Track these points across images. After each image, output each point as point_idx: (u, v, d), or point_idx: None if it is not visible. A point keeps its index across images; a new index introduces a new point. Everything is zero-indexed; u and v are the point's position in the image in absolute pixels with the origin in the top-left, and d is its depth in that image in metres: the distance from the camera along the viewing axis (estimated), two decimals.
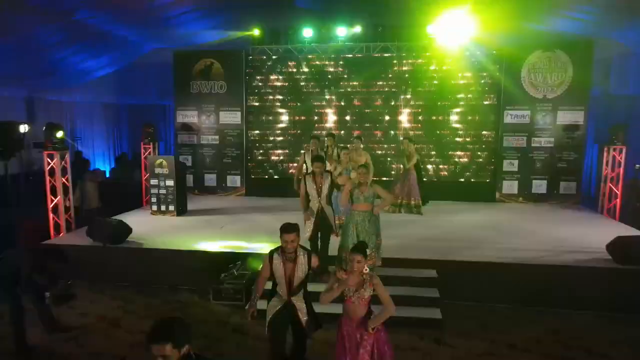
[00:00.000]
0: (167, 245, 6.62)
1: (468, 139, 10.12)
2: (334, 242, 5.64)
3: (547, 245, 6.58)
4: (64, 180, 7.27)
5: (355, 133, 9.69)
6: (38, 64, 10.18)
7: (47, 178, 7.14)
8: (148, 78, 12.93)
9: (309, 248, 4.22)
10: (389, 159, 10.29)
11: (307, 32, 10.08)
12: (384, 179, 9.80)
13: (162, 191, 8.44)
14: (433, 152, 10.19)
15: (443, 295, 5.48)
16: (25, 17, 7.70)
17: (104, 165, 13.54)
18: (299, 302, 3.71)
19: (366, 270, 3.33)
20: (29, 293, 4.52)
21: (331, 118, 10.40)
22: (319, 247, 5.52)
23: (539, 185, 9.82)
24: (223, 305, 5.78)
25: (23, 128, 7.31)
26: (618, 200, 8.59)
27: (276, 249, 3.71)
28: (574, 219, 8.42)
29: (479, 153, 10.12)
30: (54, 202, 7.25)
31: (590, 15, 8.42)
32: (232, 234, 7.22)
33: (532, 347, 4.74)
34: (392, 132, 10.25)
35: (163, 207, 8.47)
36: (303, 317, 3.72)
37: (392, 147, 10.23)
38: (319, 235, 5.51)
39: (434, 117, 10.12)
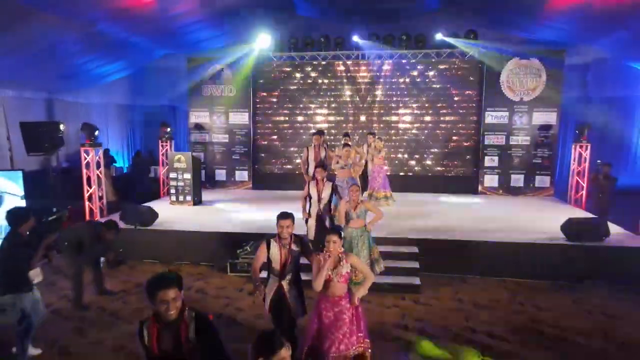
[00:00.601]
0: (188, 228, 7.73)
1: (455, 137, 11.23)
2: None
3: (515, 228, 7.69)
4: (97, 172, 8.37)
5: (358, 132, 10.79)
6: (59, 70, 11.14)
7: (84, 170, 8.24)
8: (159, 81, 13.94)
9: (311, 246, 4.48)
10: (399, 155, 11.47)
11: (309, 40, 11.18)
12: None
13: (180, 183, 9.54)
14: (424, 149, 11.31)
15: (423, 267, 6.59)
16: (50, 28, 8.73)
17: (118, 162, 14.63)
18: (287, 286, 4.02)
19: (341, 250, 3.73)
20: (88, 259, 5.63)
21: (330, 119, 11.53)
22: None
23: (517, 179, 10.92)
24: (239, 277, 6.88)
25: (62, 127, 8.40)
26: (584, 191, 9.70)
27: (272, 236, 4.05)
28: (544, 208, 9.51)
29: (463, 150, 11.24)
30: (89, 192, 8.34)
31: (566, 24, 9.50)
32: (243, 220, 8.33)
33: (493, 305, 5.85)
34: (393, 131, 11.40)
35: (181, 198, 9.56)
36: (290, 300, 4.01)
37: (394, 144, 11.37)
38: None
39: (427, 118, 11.26)
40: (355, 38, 10.97)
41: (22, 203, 7.91)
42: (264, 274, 4.38)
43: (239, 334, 4.89)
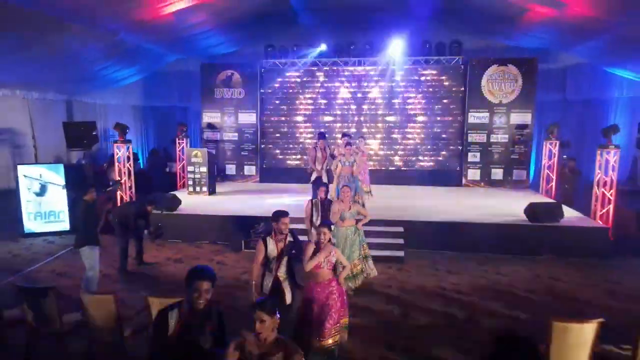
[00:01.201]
0: (206, 213, 9.00)
1: (444, 136, 12.51)
2: None
3: (489, 213, 8.97)
4: (127, 165, 9.64)
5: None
6: (79, 74, 12.28)
7: (117, 164, 9.51)
8: (171, 83, 15.22)
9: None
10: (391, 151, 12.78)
11: (310, 48, 12.45)
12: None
13: (197, 175, 10.81)
14: (414, 146, 12.60)
15: (407, 244, 7.86)
16: (75, 37, 9.84)
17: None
18: (283, 276, 4.35)
19: (332, 240, 4.65)
20: (134, 234, 6.92)
21: (327, 119, 12.81)
22: None
23: (497, 173, 12.20)
24: (252, 252, 8.09)
25: (98, 125, 9.66)
26: (553, 183, 10.97)
27: (268, 234, 4.48)
28: (519, 197, 10.76)
29: (450, 147, 12.52)
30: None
31: (546, 34, 10.67)
32: (253, 205, 9.61)
33: (462, 272, 7.13)
34: (385, 130, 12.70)
35: (198, 188, 10.83)
36: (286, 289, 4.33)
37: (387, 142, 12.67)
38: None
39: (417, 119, 12.55)
40: (352, 46, 12.24)
41: (64, 192, 9.20)
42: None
43: None
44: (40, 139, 11.43)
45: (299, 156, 12.97)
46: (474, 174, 12.31)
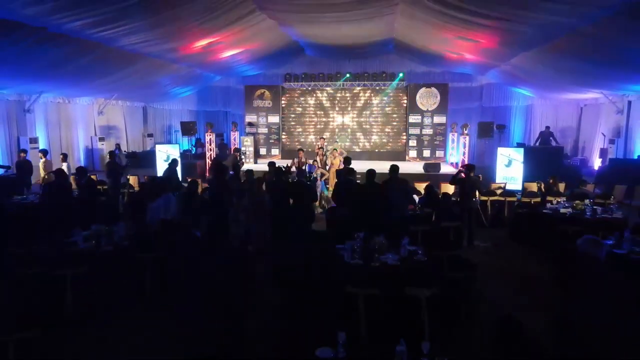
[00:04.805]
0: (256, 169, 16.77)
1: (396, 130, 20.30)
2: None
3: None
4: (210, 147, 17.44)
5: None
6: (154, 90, 19.30)
7: (207, 147, 17.28)
8: (216, 95, 23.04)
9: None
10: (361, 139, 20.54)
11: (312, 73, 20.24)
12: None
13: (247, 152, 18.59)
14: (375, 135, 20.38)
15: None
16: (151, 67, 15.30)
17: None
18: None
19: (325, 174, 13.09)
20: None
21: (320, 127, 20.62)
22: None
23: (427, 153, 19.98)
24: None
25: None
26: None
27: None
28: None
29: (400, 137, 20.30)
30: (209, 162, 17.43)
31: (469, 65, 18.19)
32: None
33: None
34: (359, 126, 20.51)
35: (247, 160, 18.57)
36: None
37: (358, 134, 20.46)
38: None
39: (378, 119, 20.35)
40: (339, 74, 20.07)
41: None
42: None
43: None
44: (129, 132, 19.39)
45: (301, 139, 20.79)
46: (412, 153, 20.13)
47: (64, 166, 11.88)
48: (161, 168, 15.42)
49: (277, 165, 9.67)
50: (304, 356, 2.94)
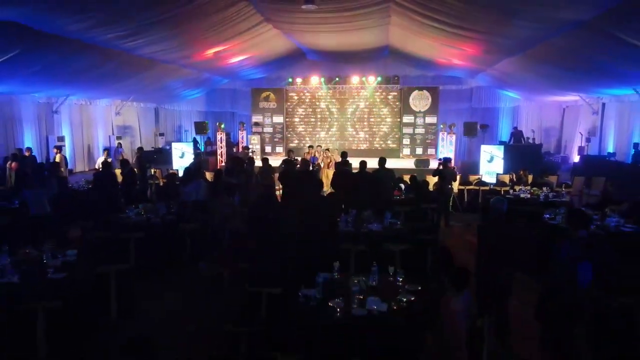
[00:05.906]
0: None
1: (389, 128, 21.87)
2: None
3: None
4: (221, 145, 19.03)
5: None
6: (166, 92, 20.90)
7: (218, 144, 18.86)
8: (223, 96, 24.61)
9: None
10: (356, 137, 22.14)
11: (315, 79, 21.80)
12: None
13: (254, 149, 20.17)
14: (371, 134, 21.97)
15: None
16: (163, 72, 17.09)
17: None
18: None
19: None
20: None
21: (320, 124, 22.21)
22: None
23: (419, 150, 21.55)
24: None
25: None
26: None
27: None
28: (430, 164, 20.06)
29: (394, 135, 21.88)
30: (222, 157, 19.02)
31: (459, 69, 19.76)
32: None
33: None
34: (356, 125, 22.12)
35: (255, 156, 20.16)
36: None
37: (356, 133, 22.06)
38: None
39: (372, 119, 21.93)
40: (338, 77, 21.64)
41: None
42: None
43: None
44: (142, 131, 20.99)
45: (307, 139, 22.34)
46: (406, 151, 21.71)
47: (58, 157, 13.66)
48: (177, 163, 17.07)
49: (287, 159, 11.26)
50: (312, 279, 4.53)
